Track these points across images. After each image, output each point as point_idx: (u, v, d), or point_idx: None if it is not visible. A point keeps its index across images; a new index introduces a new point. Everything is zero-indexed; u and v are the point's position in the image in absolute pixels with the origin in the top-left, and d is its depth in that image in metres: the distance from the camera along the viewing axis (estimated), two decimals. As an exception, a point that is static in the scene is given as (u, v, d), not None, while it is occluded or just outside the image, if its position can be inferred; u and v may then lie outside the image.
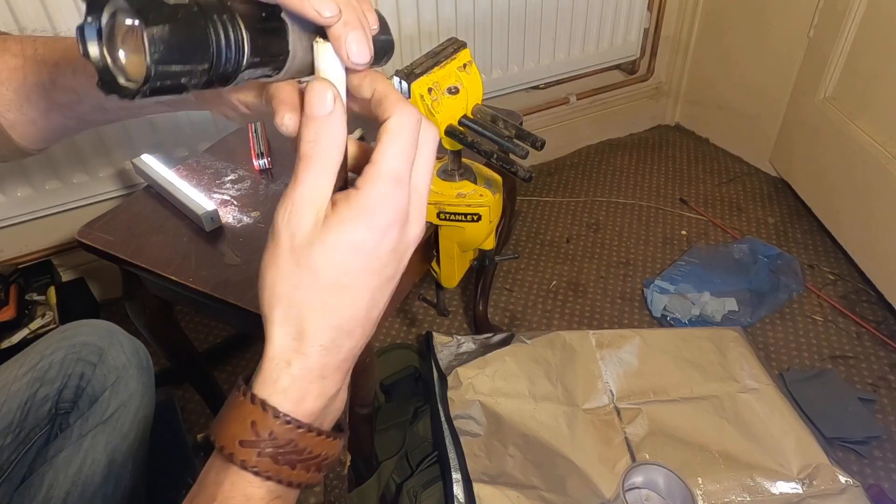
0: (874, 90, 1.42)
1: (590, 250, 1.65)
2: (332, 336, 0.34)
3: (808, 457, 1.05)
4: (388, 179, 0.33)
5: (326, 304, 0.34)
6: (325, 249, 0.33)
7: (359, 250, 0.33)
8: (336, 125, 0.33)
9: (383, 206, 0.33)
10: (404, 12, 1.39)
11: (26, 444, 0.72)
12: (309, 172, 0.33)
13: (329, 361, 0.35)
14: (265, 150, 1.02)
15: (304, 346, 0.34)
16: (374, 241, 0.33)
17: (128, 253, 0.86)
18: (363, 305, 0.35)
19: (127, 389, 0.76)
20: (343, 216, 0.33)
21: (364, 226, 0.33)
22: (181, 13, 0.29)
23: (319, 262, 0.33)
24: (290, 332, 0.34)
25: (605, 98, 1.96)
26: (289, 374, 0.34)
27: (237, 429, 0.34)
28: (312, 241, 0.33)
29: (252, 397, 0.34)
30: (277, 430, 0.33)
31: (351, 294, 0.34)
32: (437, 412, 1.12)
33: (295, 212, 0.33)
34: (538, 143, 0.75)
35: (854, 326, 1.40)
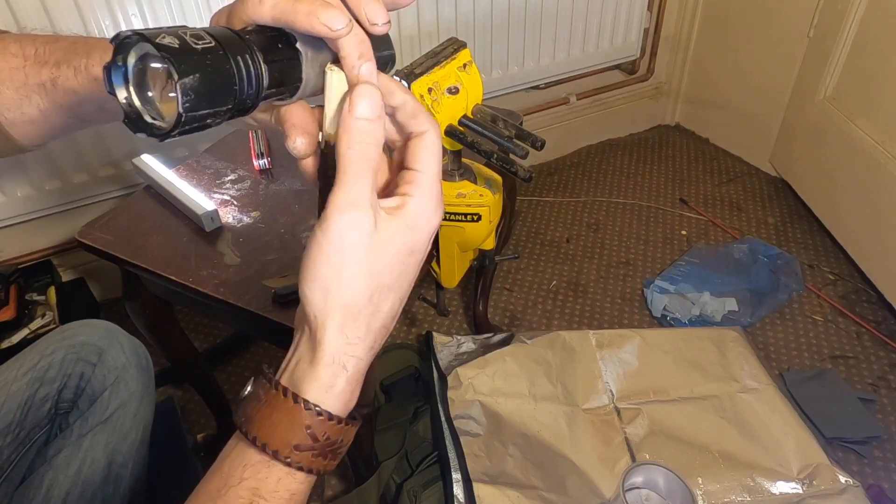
0: (874, 90, 1.42)
1: (590, 250, 1.65)
2: (381, 335, 0.36)
3: (808, 457, 1.05)
4: (434, 190, 0.35)
5: (381, 307, 0.35)
6: (389, 255, 0.34)
7: (413, 253, 0.35)
8: (378, 131, 0.34)
9: (434, 211, 0.35)
10: (404, 12, 1.39)
11: (26, 444, 0.72)
12: (356, 170, 0.34)
13: (370, 359, 0.37)
14: (265, 150, 1.02)
15: (358, 349, 0.35)
16: (424, 245, 0.35)
17: (128, 253, 0.86)
18: (400, 306, 0.37)
19: (127, 389, 0.76)
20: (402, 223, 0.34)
21: (420, 233, 0.35)
22: (209, 58, 0.30)
23: (384, 267, 0.34)
24: (348, 335, 0.35)
25: (605, 98, 1.96)
26: (345, 377, 0.35)
27: (292, 434, 0.34)
28: (376, 247, 0.34)
29: (305, 402, 0.35)
30: (331, 432, 0.35)
31: (397, 294, 0.36)
32: (437, 412, 1.12)
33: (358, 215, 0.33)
34: (538, 143, 0.75)
35: (854, 326, 1.40)
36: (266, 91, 0.33)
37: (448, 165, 0.90)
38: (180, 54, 0.28)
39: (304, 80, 0.35)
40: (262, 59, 0.32)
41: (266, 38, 0.33)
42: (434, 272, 1.05)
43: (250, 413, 0.36)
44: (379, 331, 0.36)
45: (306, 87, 0.36)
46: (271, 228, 0.90)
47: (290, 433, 0.35)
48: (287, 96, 0.35)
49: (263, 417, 0.35)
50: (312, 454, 0.35)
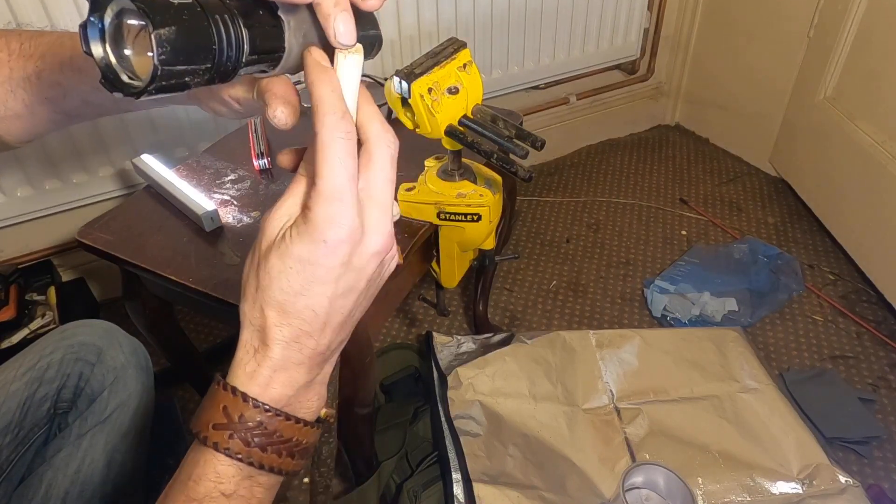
0: (874, 90, 1.42)
1: (590, 250, 1.65)
2: (290, 334, 0.37)
3: (808, 457, 1.05)
4: (325, 197, 0.34)
5: (283, 307, 0.36)
6: (280, 258, 0.36)
7: (307, 263, 0.35)
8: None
9: (328, 224, 0.34)
10: (404, 12, 1.39)
11: (25, 443, 0.72)
12: (296, 188, 0.37)
13: (291, 356, 0.37)
14: (265, 150, 1.02)
15: (266, 339, 0.37)
16: (320, 255, 0.35)
17: (128, 253, 0.86)
18: (322, 312, 0.37)
19: (126, 389, 0.76)
20: (292, 230, 0.36)
21: (310, 242, 0.35)
22: (186, 14, 0.29)
23: (274, 268, 0.36)
24: (255, 324, 0.37)
25: (605, 98, 1.96)
26: (254, 360, 0.37)
27: (210, 414, 0.36)
28: (271, 250, 0.36)
29: (224, 385, 0.37)
30: (247, 413, 0.36)
31: (305, 301, 0.36)
32: (437, 412, 1.12)
33: (273, 218, 0.37)
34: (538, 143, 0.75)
35: (854, 326, 1.40)
36: (247, 57, 0.32)
37: (448, 165, 0.90)
38: (156, 7, 0.28)
39: (286, 50, 0.34)
40: (243, 22, 0.32)
41: (247, 3, 0.33)
42: (434, 272, 1.05)
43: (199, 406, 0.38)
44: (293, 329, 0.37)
45: (288, 57, 0.35)
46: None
47: (209, 412, 0.37)
48: (270, 67, 0.35)
49: (200, 406, 0.38)
50: (230, 435, 0.36)
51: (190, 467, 0.37)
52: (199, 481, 0.36)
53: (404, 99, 0.76)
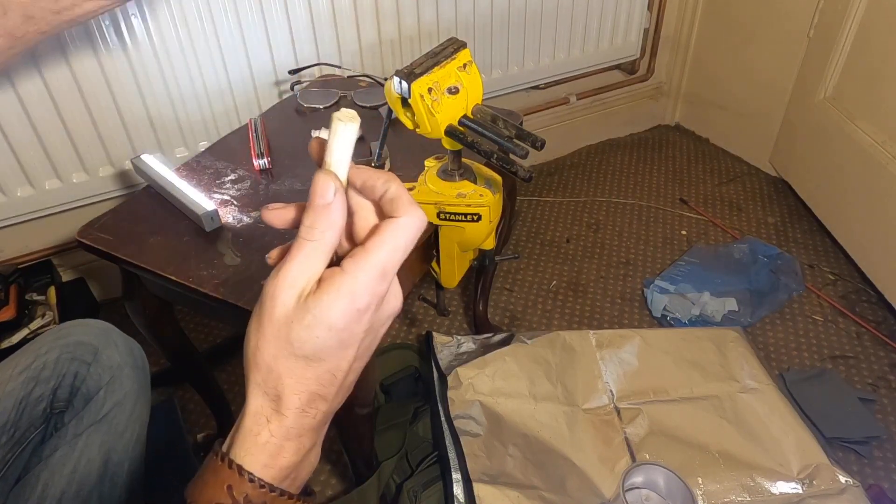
0: (874, 90, 1.42)
1: (590, 250, 1.65)
2: (307, 399, 0.37)
3: (808, 457, 1.05)
4: (375, 270, 0.35)
5: (303, 373, 0.36)
6: (303, 327, 0.35)
7: (334, 329, 0.35)
8: (334, 214, 0.35)
9: (364, 293, 0.35)
10: (404, 12, 1.39)
11: (21, 443, 0.72)
12: (301, 253, 0.36)
13: (304, 422, 0.37)
14: (265, 150, 1.02)
15: (282, 407, 0.36)
16: (350, 321, 0.35)
17: (128, 253, 0.86)
18: (339, 375, 0.37)
19: (122, 389, 0.76)
20: (323, 297, 0.35)
21: (342, 308, 0.35)
22: None
23: (297, 338, 0.35)
24: (269, 394, 0.36)
25: (605, 98, 1.96)
26: (267, 430, 0.36)
27: (213, 492, 0.35)
28: (292, 318, 0.35)
29: (229, 462, 0.36)
30: (252, 494, 0.36)
31: (326, 365, 0.36)
32: (437, 412, 1.12)
33: (281, 287, 0.35)
34: (538, 143, 0.74)
35: (854, 326, 1.40)
36: None
37: (448, 165, 0.90)
38: None
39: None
40: None
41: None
42: (434, 272, 1.05)
43: (196, 475, 0.37)
44: (309, 395, 0.36)
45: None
46: (271, 228, 0.90)
47: (212, 490, 0.36)
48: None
49: (199, 477, 0.37)
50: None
51: None
52: None
53: (404, 99, 0.76)
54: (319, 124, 1.08)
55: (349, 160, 0.38)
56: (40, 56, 1.11)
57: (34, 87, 1.14)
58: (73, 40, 1.13)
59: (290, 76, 1.28)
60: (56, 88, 1.15)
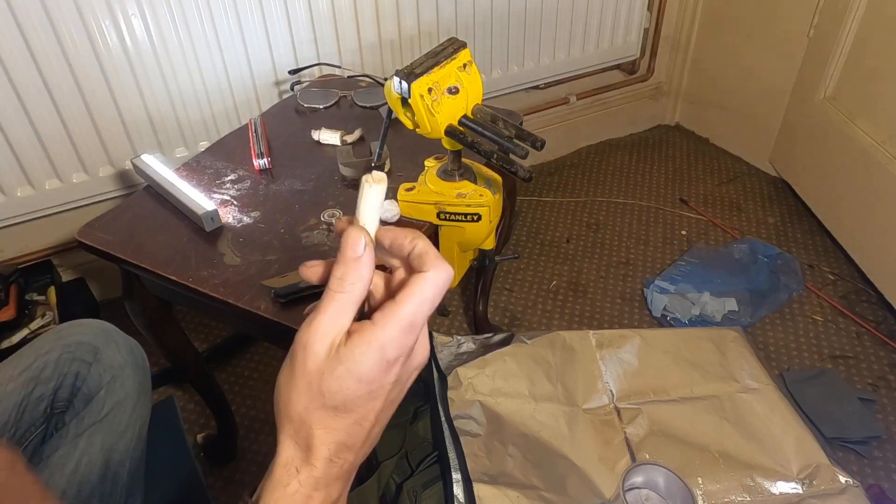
0: (874, 90, 1.42)
1: (590, 250, 1.65)
2: (335, 450, 0.37)
3: (808, 457, 1.05)
4: (404, 322, 0.36)
5: (332, 424, 0.37)
6: (334, 378, 0.36)
7: (363, 380, 0.36)
8: (364, 268, 0.37)
9: (393, 345, 0.36)
10: (404, 12, 1.39)
11: (22, 443, 0.72)
12: (332, 305, 0.36)
13: (332, 471, 0.38)
14: (265, 150, 1.02)
15: (311, 457, 0.37)
16: (379, 372, 0.36)
17: (128, 253, 0.86)
18: (367, 425, 0.38)
19: (123, 388, 0.76)
20: (354, 349, 0.36)
21: (372, 360, 0.36)
22: None
23: (328, 389, 0.36)
24: (300, 444, 0.37)
25: (605, 98, 1.96)
26: (297, 479, 0.37)
27: None
28: (324, 369, 0.36)
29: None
30: None
31: (355, 416, 0.37)
32: (437, 412, 1.12)
33: (314, 339, 0.36)
34: (538, 143, 0.74)
35: (854, 326, 1.40)
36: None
37: (448, 165, 0.90)
38: None
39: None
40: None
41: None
42: (434, 272, 1.05)
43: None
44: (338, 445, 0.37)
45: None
46: (271, 228, 0.90)
47: None
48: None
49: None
50: None
51: None
52: None
53: (404, 99, 0.76)
54: (319, 124, 1.08)
55: (378, 219, 0.39)
56: (40, 56, 1.11)
57: (34, 87, 1.14)
58: (73, 40, 1.13)
59: (290, 76, 1.28)
60: (56, 88, 1.15)
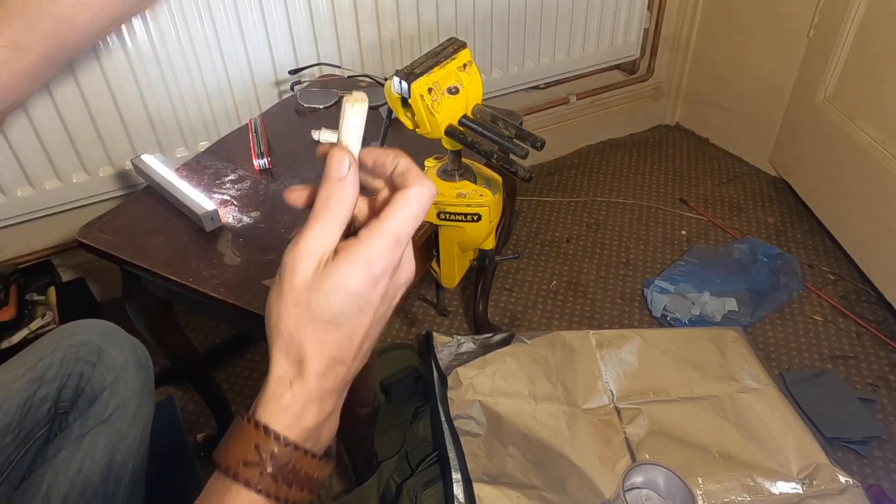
0: (874, 90, 1.42)
1: (590, 250, 1.65)
2: (327, 364, 0.38)
3: (808, 457, 1.05)
4: (389, 237, 0.37)
5: (323, 338, 0.38)
6: (322, 294, 0.37)
7: (352, 294, 0.37)
8: (349, 187, 0.38)
9: (379, 259, 0.37)
10: (404, 12, 1.39)
11: (26, 444, 0.72)
12: (318, 224, 0.38)
13: (325, 385, 0.39)
14: (265, 150, 1.02)
15: (304, 370, 0.38)
16: (366, 288, 0.37)
17: (128, 253, 0.86)
18: (357, 340, 0.39)
19: (126, 389, 0.76)
20: (341, 264, 0.37)
21: (359, 274, 0.37)
22: None
23: (316, 304, 0.37)
24: (292, 359, 0.38)
25: (605, 98, 1.96)
26: (290, 392, 0.38)
27: (241, 451, 0.37)
28: (311, 286, 0.37)
29: (255, 423, 0.38)
30: (278, 452, 0.37)
31: (345, 331, 0.38)
32: (437, 412, 1.12)
33: (300, 257, 0.37)
34: (538, 143, 0.75)
35: (854, 326, 1.40)
36: None
37: (448, 165, 0.90)
38: None
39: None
40: None
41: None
42: (434, 272, 1.05)
43: (222, 439, 0.39)
44: (329, 359, 0.38)
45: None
46: (271, 228, 0.90)
47: (239, 449, 0.37)
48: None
49: (226, 440, 0.39)
50: (260, 472, 0.37)
51: (220, 494, 0.38)
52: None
53: (404, 99, 0.76)
54: (319, 124, 1.08)
55: (360, 139, 0.40)
56: (40, 56, 1.11)
57: (34, 88, 1.14)
58: (73, 40, 1.12)
59: (290, 76, 1.28)
60: (56, 88, 1.15)
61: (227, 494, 0.37)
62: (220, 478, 0.38)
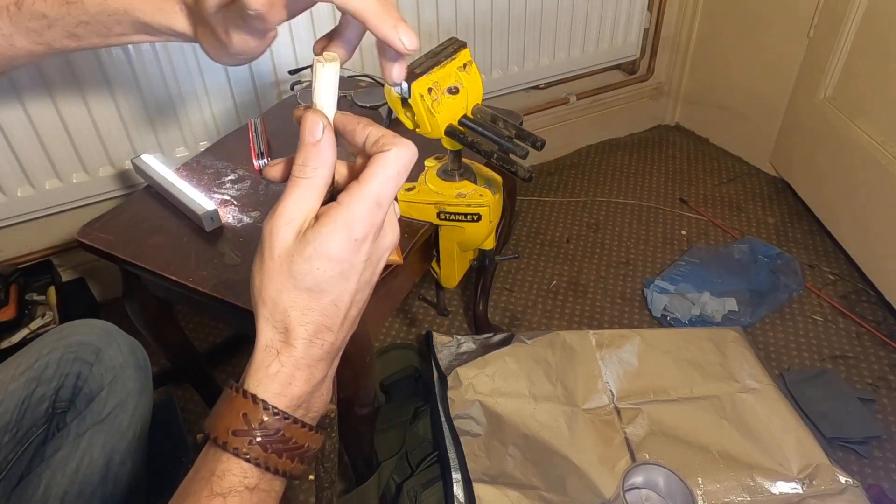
0: (874, 90, 1.42)
1: (590, 250, 1.65)
2: (314, 330, 0.38)
3: (808, 457, 1.05)
4: (370, 200, 0.37)
5: (307, 305, 0.38)
6: (303, 260, 0.37)
7: (334, 260, 0.37)
8: (325, 151, 0.37)
9: (360, 223, 0.37)
10: (404, 12, 1.39)
11: (24, 443, 0.72)
12: (296, 190, 0.37)
13: (313, 352, 0.39)
14: (265, 150, 1.02)
15: (290, 338, 0.38)
16: (348, 251, 0.37)
17: (128, 253, 0.86)
18: (342, 306, 0.39)
19: (124, 389, 0.76)
20: (321, 230, 0.36)
21: (340, 238, 0.36)
22: None
23: (299, 271, 0.37)
24: (277, 327, 0.38)
25: (605, 98, 1.96)
26: (278, 360, 0.38)
27: (230, 420, 0.37)
28: (293, 252, 0.37)
29: (244, 392, 0.37)
30: (267, 420, 0.37)
31: (329, 297, 0.38)
32: (437, 412, 1.12)
33: (278, 224, 0.37)
34: (538, 143, 0.75)
35: (854, 326, 1.40)
36: None
37: (448, 165, 0.90)
38: None
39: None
40: None
41: None
42: (434, 272, 1.05)
43: (212, 410, 0.39)
44: (315, 325, 0.38)
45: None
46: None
47: (228, 418, 0.37)
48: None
49: (215, 410, 0.39)
50: (249, 441, 0.37)
51: (207, 472, 0.37)
52: (223, 476, 0.37)
53: (404, 99, 0.76)
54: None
55: (335, 99, 0.39)
56: (40, 56, 1.11)
57: (34, 87, 1.14)
58: (73, 40, 1.12)
59: (290, 76, 1.28)
60: (56, 88, 1.15)
61: (219, 463, 0.37)
62: (211, 448, 0.38)
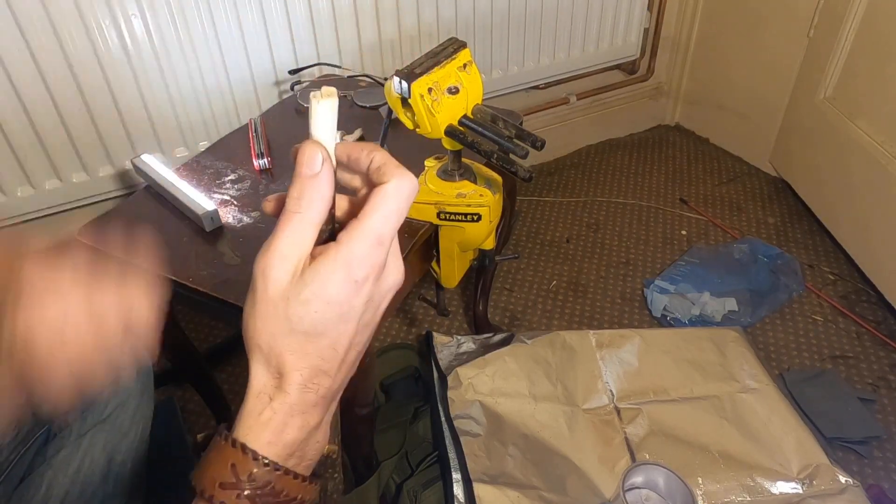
0: (874, 90, 1.42)
1: (590, 250, 1.65)
2: (309, 375, 0.36)
3: (808, 457, 1.05)
4: (370, 238, 0.34)
5: (304, 348, 0.35)
6: (300, 303, 0.34)
7: (332, 302, 0.34)
8: (322, 185, 0.35)
9: (360, 263, 0.34)
10: (404, 12, 1.39)
11: (25, 443, 0.72)
12: (290, 226, 0.35)
13: (308, 398, 0.36)
14: (265, 150, 1.02)
15: (284, 384, 0.36)
16: (347, 293, 0.35)
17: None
18: (341, 349, 0.36)
19: (126, 389, 0.76)
20: (320, 270, 0.34)
21: (339, 280, 0.34)
22: None
23: (295, 314, 0.34)
24: (272, 372, 0.36)
25: (605, 98, 1.96)
26: (270, 407, 0.36)
27: (218, 471, 0.35)
28: (288, 294, 0.34)
29: (233, 441, 0.35)
30: (256, 472, 0.35)
31: (327, 340, 0.36)
32: (437, 412, 1.12)
33: (272, 264, 0.34)
34: (538, 143, 0.75)
35: (854, 326, 1.40)
36: None
37: (448, 165, 0.90)
38: None
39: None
40: None
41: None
42: (434, 272, 1.05)
43: (201, 459, 0.37)
44: (311, 370, 0.36)
45: None
46: (271, 228, 0.90)
47: (216, 469, 0.35)
48: None
49: (203, 460, 0.36)
50: (237, 495, 0.34)
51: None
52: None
53: (404, 99, 0.76)
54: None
55: (333, 135, 0.37)
56: (40, 56, 1.12)
57: (34, 87, 1.14)
58: (73, 40, 1.13)
59: (290, 76, 1.28)
60: (56, 88, 1.15)
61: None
62: (197, 502, 0.35)
